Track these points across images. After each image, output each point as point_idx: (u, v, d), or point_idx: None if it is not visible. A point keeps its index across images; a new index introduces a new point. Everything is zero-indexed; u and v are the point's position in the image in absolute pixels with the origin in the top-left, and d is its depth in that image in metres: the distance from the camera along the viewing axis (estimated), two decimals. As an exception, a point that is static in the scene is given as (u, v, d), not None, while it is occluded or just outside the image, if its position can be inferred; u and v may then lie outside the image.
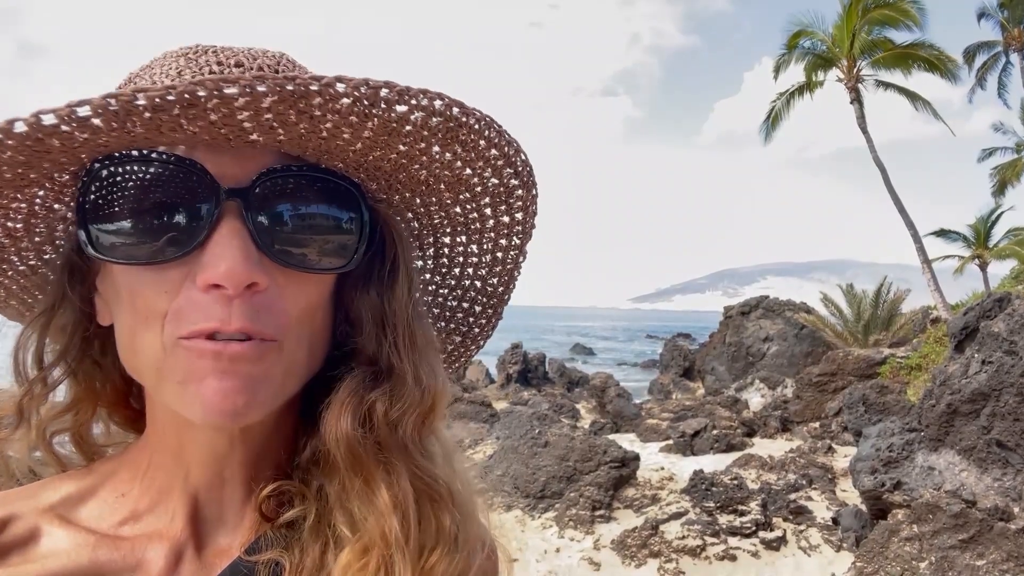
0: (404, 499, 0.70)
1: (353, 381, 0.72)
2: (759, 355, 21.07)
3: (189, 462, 0.71)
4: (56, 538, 0.68)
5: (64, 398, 0.77)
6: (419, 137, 0.63)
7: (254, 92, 0.54)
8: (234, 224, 0.62)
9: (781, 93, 23.32)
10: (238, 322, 0.61)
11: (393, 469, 0.70)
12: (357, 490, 0.70)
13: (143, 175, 0.62)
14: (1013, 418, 5.77)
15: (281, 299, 0.65)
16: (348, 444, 0.69)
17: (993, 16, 29.04)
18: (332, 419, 0.70)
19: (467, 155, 0.68)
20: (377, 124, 0.60)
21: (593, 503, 8.60)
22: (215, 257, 0.61)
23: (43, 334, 0.74)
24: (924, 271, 20.83)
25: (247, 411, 0.63)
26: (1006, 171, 30.26)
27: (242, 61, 0.69)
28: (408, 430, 0.72)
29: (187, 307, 0.62)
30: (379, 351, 0.73)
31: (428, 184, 0.72)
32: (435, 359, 0.77)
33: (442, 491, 0.73)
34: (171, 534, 0.71)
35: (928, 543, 5.63)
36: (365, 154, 0.65)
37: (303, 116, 0.57)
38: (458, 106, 0.62)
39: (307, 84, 0.55)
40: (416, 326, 0.76)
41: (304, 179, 0.66)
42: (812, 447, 11.28)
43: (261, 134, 0.59)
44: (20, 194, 0.67)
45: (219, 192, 0.62)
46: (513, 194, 0.76)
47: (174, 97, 0.53)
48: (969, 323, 6.85)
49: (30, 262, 0.77)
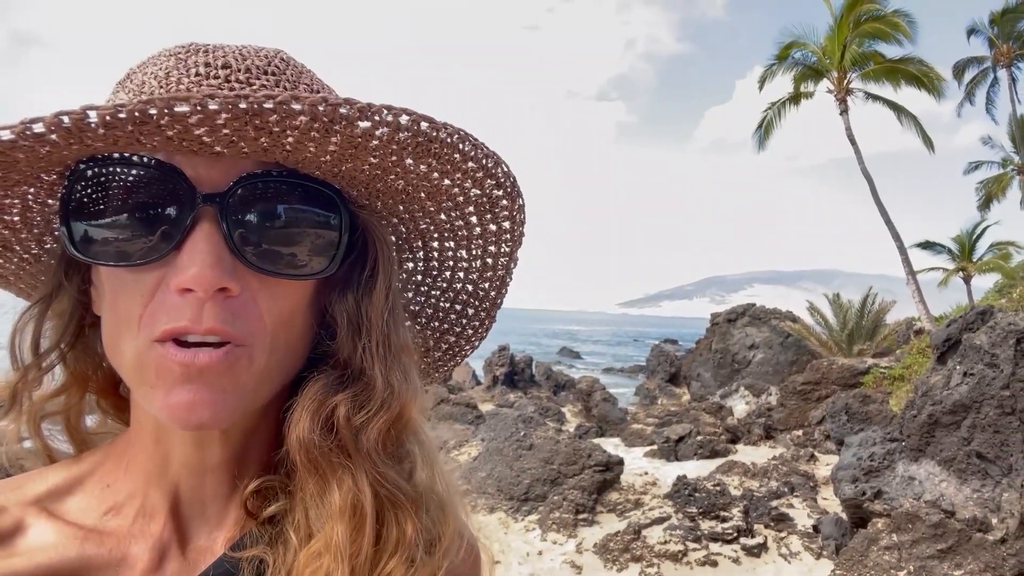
0: (358, 506, 0.68)
1: (317, 384, 0.71)
2: (745, 362, 21.17)
3: (169, 456, 0.71)
4: (42, 531, 0.68)
5: (55, 381, 0.77)
6: (388, 151, 0.62)
7: (206, 110, 0.54)
8: (208, 229, 0.62)
9: (773, 102, 23.49)
10: (209, 323, 0.61)
11: (351, 475, 0.69)
12: (311, 493, 0.69)
13: (124, 177, 0.63)
14: (993, 430, 5.83)
15: (256, 304, 0.65)
16: (305, 447, 0.68)
17: (983, 32, 29.41)
18: (293, 421, 0.70)
19: (443, 167, 0.67)
20: (341, 140, 0.60)
21: (576, 506, 8.61)
22: (186, 261, 0.61)
23: (40, 320, 0.75)
24: (909, 282, 21.02)
25: (214, 422, 0.64)
26: (992, 185, 30.61)
27: (230, 63, 0.68)
28: (372, 436, 0.70)
29: (159, 309, 0.62)
30: (352, 355, 0.73)
31: (408, 192, 0.72)
32: (409, 365, 0.76)
33: (405, 498, 0.72)
34: (155, 529, 0.71)
35: (907, 552, 5.67)
36: (337, 165, 0.64)
37: (261, 132, 0.57)
38: (427, 121, 0.61)
39: (260, 102, 0.54)
40: (392, 331, 0.75)
41: (283, 185, 0.66)
42: (795, 455, 11.35)
43: (223, 147, 0.59)
44: (8, 192, 0.67)
45: (196, 197, 0.62)
46: (498, 204, 0.76)
47: (125, 115, 0.53)
48: (952, 335, 6.92)
49: (32, 250, 0.78)
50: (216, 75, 0.67)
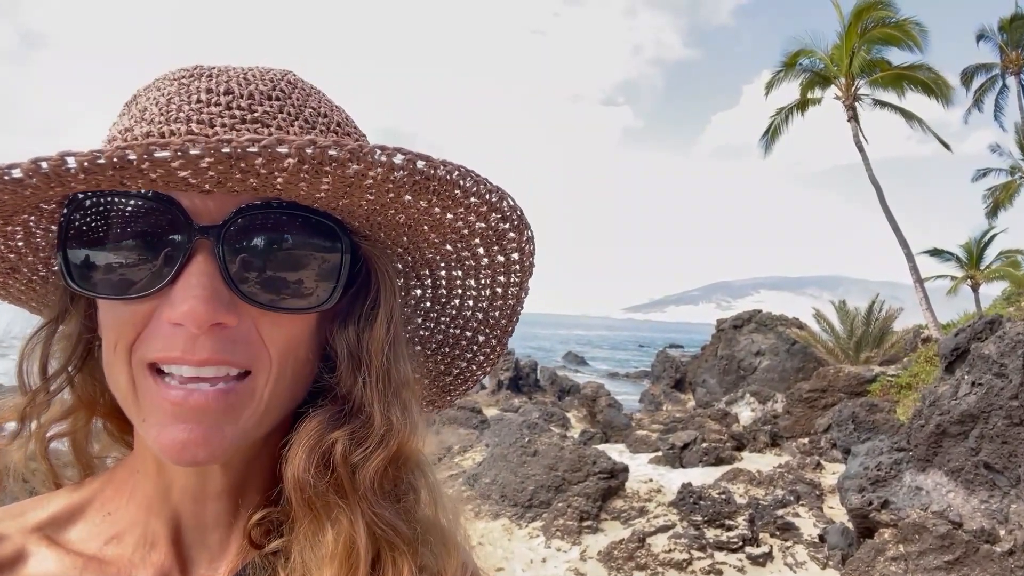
0: (353, 548, 0.67)
1: (315, 420, 0.70)
2: (750, 369, 21.12)
3: (170, 483, 0.71)
4: (43, 560, 0.67)
5: (63, 404, 0.76)
6: (384, 189, 0.61)
7: (187, 156, 0.52)
8: (204, 262, 0.61)
9: (780, 108, 23.46)
10: (203, 354, 0.61)
11: (347, 516, 0.67)
12: (305, 533, 0.68)
13: (121, 208, 0.62)
14: (1001, 440, 5.78)
15: (258, 333, 0.64)
16: (300, 486, 0.67)
17: (992, 38, 29.32)
18: (290, 458, 0.68)
19: (444, 203, 0.65)
20: (333, 180, 0.58)
21: (581, 513, 8.58)
22: (180, 296, 0.60)
23: (48, 343, 0.74)
24: (916, 290, 20.91)
25: (210, 459, 0.63)
26: (1000, 193, 30.46)
27: (232, 88, 0.67)
28: (369, 474, 0.68)
29: (152, 336, 0.62)
30: (351, 389, 0.71)
31: (410, 226, 0.70)
32: (410, 400, 0.74)
33: (401, 539, 0.70)
34: (156, 558, 0.70)
35: (914, 563, 5.63)
36: (332, 201, 0.63)
37: (248, 174, 0.56)
38: (423, 159, 0.59)
39: (244, 147, 0.53)
40: (392, 366, 0.73)
41: (283, 216, 0.64)
42: (801, 463, 11.29)
43: (211, 187, 0.58)
44: (7, 221, 0.67)
45: (192, 229, 0.61)
46: (505, 236, 0.74)
47: (104, 161, 0.52)
48: (960, 344, 6.88)
49: (39, 272, 0.78)
50: (217, 102, 0.65)
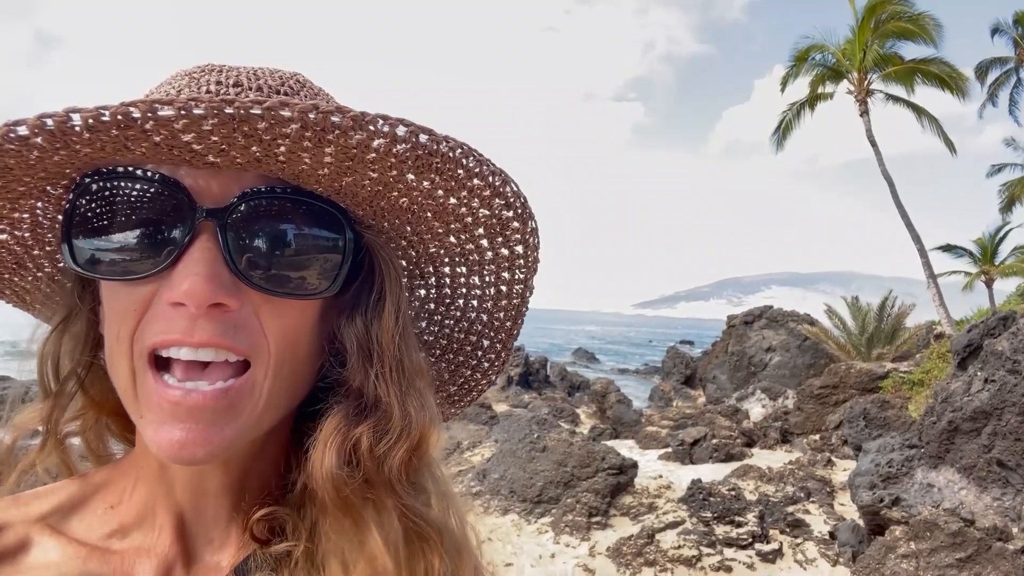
0: (395, 540, 0.67)
1: (337, 416, 0.69)
2: (761, 365, 21.02)
3: (173, 478, 0.71)
4: (46, 549, 0.67)
5: (72, 404, 0.77)
6: (387, 164, 0.60)
7: (190, 114, 0.52)
8: (206, 244, 0.61)
9: (792, 103, 23.29)
10: (203, 336, 0.60)
11: (382, 508, 0.68)
12: (347, 531, 0.68)
13: (127, 191, 0.62)
14: (1014, 437, 5.74)
15: (258, 320, 0.64)
16: (334, 484, 0.67)
17: (1007, 32, 28.96)
18: (317, 457, 0.68)
19: (447, 184, 0.64)
20: (335, 150, 0.57)
21: (590, 509, 8.58)
22: (180, 275, 0.60)
23: (58, 344, 0.75)
24: (929, 286, 20.73)
25: (208, 458, 0.62)
26: (1015, 188, 30.11)
27: (241, 81, 0.67)
28: (395, 466, 0.68)
29: (152, 321, 0.62)
30: (365, 383, 0.70)
31: (413, 212, 0.69)
32: (425, 389, 0.73)
33: (432, 531, 0.71)
34: (159, 549, 0.70)
35: (925, 561, 5.59)
36: (336, 179, 0.62)
37: (251, 139, 0.55)
38: (426, 133, 0.59)
39: (247, 108, 0.53)
40: (404, 356, 0.72)
41: (287, 202, 0.64)
42: (811, 460, 11.24)
43: (215, 155, 0.57)
44: (15, 206, 0.67)
45: (196, 211, 0.61)
46: (508, 226, 0.73)
47: (108, 118, 0.52)
48: (973, 341, 6.82)
49: (45, 268, 0.78)
50: (227, 93, 0.66)
